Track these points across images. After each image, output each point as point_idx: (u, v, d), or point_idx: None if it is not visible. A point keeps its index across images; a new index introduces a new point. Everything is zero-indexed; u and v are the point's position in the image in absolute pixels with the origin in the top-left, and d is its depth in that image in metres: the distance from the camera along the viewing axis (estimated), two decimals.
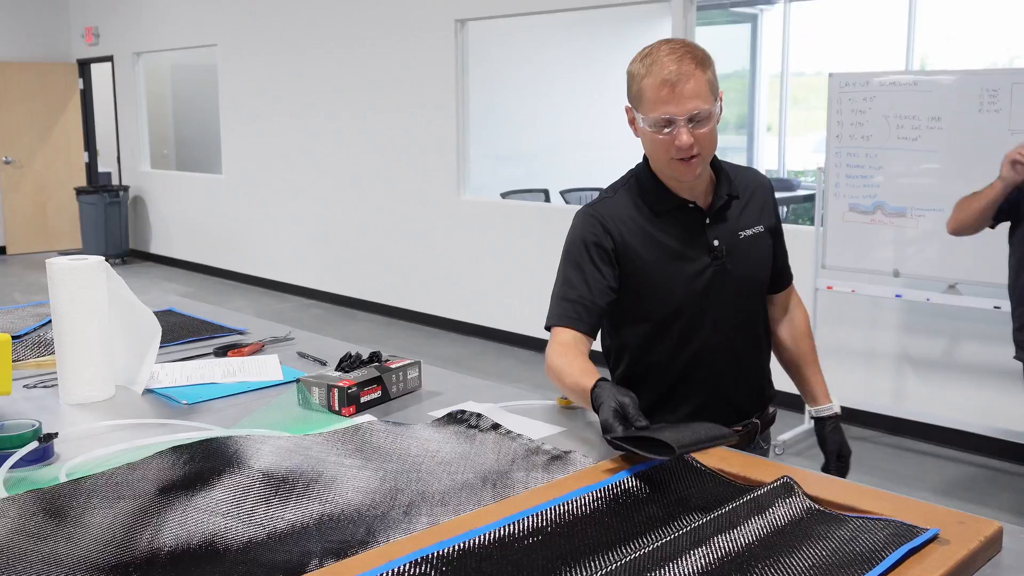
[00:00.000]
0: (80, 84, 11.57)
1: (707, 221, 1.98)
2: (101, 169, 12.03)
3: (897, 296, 4.63)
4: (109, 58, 11.06)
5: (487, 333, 6.97)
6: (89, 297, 2.04)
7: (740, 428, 2.04)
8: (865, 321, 5.01)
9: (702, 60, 1.83)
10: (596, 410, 1.66)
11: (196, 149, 11.25)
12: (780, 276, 2.16)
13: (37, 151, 11.31)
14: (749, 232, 2.02)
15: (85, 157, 11.69)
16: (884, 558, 1.22)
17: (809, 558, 1.23)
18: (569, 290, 1.95)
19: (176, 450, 1.61)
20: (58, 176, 11.43)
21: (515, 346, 6.59)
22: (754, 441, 2.11)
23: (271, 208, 9.04)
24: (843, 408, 1.94)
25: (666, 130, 1.83)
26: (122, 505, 1.45)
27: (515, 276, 6.64)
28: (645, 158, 2.01)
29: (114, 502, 1.46)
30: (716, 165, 2.01)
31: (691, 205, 1.97)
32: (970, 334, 4.69)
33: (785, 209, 9.43)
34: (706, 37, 9.99)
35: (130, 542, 1.35)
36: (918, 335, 4.86)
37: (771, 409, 2.20)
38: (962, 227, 3.45)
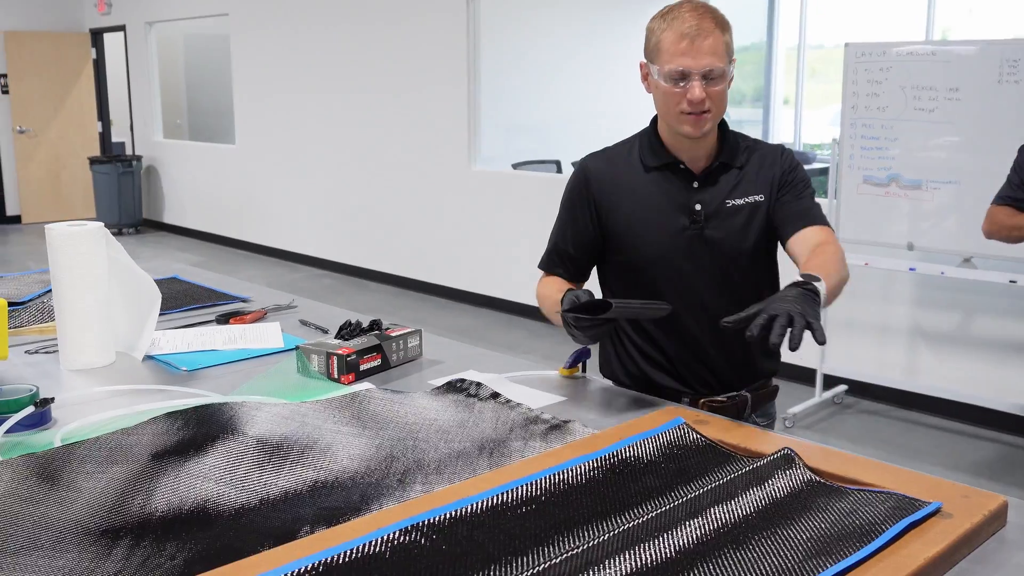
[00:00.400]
0: (93, 54, 11.54)
1: (695, 185, 1.97)
2: (115, 139, 12.02)
3: (911, 269, 4.58)
4: (122, 27, 11.02)
5: (497, 304, 6.95)
6: (88, 263, 2.02)
7: (724, 399, 2.00)
8: (878, 295, 4.96)
9: (722, 22, 1.88)
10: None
11: (209, 119, 11.22)
12: (797, 218, 1.97)
13: (51, 121, 11.31)
14: (739, 201, 1.98)
15: (98, 127, 11.68)
16: (884, 531, 1.19)
17: (807, 530, 1.21)
18: (558, 239, 2.09)
19: (171, 416, 1.60)
20: (72, 146, 11.43)
21: (525, 317, 6.56)
22: (744, 415, 2.03)
23: (283, 178, 9.02)
24: (855, 381, 1.86)
25: (681, 84, 1.86)
26: (115, 470, 1.44)
27: (525, 247, 6.60)
28: (653, 119, 2.03)
29: (107, 467, 1.45)
30: (724, 134, 2.00)
31: (682, 166, 1.98)
32: (985, 308, 4.64)
33: None
34: (722, 8, 9.89)
35: (122, 506, 1.34)
36: (932, 309, 4.81)
37: (772, 384, 2.14)
38: (995, 238, 3.39)
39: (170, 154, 10.80)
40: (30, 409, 1.65)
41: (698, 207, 1.96)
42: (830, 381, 4.98)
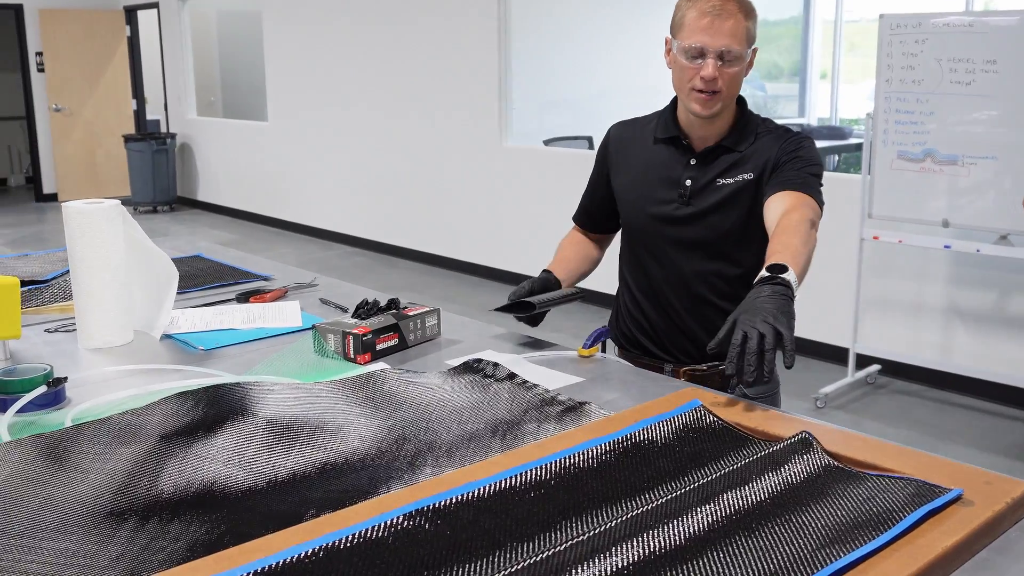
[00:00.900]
0: (127, 31, 11.60)
1: (692, 162, 2.03)
2: (150, 117, 12.10)
3: (946, 247, 4.48)
4: (155, 4, 11.06)
5: None
6: (104, 241, 2.02)
7: (705, 368, 2.04)
8: (912, 272, 4.87)
9: (747, 8, 1.92)
10: None
11: (243, 96, 11.25)
12: (774, 186, 1.92)
13: (87, 99, 11.39)
14: (729, 180, 1.99)
15: (133, 105, 11.76)
16: (902, 519, 1.16)
17: (822, 518, 1.17)
18: (585, 195, 2.30)
19: (182, 396, 1.59)
20: (107, 124, 11.52)
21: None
22: (732, 384, 1.98)
23: (315, 155, 9.03)
24: (888, 361, 1.79)
25: (696, 60, 1.90)
26: (123, 451, 1.43)
27: (557, 224, 6.55)
28: (675, 96, 2.07)
29: (115, 448, 1.45)
30: (740, 118, 2.03)
31: (684, 142, 2.04)
32: (1022, 286, 4.54)
33: (836, 158, 9.20)
34: None
35: (128, 488, 1.33)
36: (967, 287, 4.71)
37: None
38: None
39: (203, 132, 10.85)
40: (42, 389, 1.64)
41: (688, 183, 2.02)
42: (863, 361, 4.90)
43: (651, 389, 1.74)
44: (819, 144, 9.18)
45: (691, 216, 2.01)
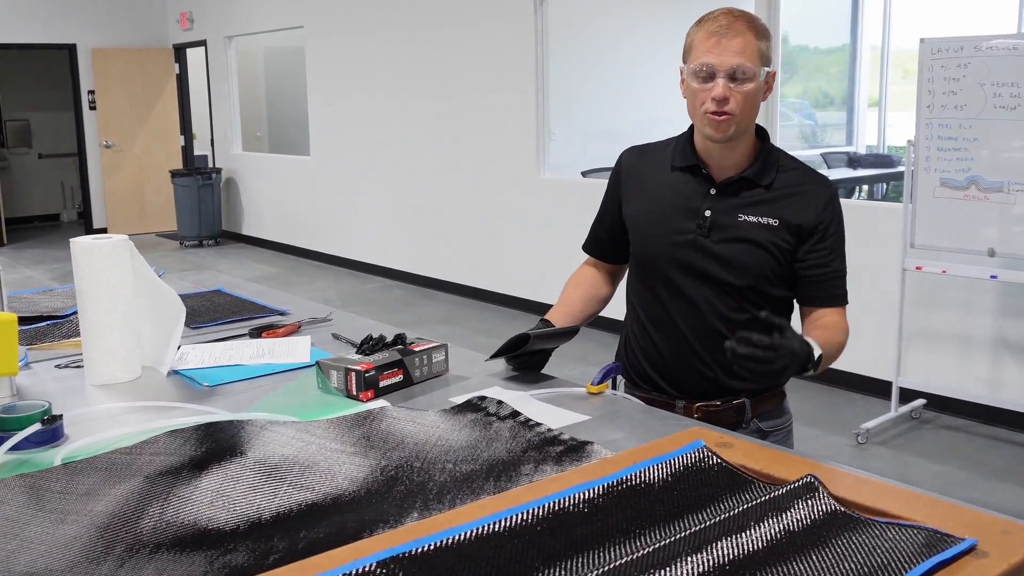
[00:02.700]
0: (176, 69, 11.82)
1: (711, 192, 1.96)
2: (198, 152, 12.29)
3: (992, 277, 4.35)
4: (203, 43, 11.26)
5: None
6: (111, 276, 2.00)
7: (719, 404, 1.99)
8: (958, 304, 4.73)
9: (757, 28, 1.86)
10: None
11: (289, 131, 11.39)
12: (818, 289, 1.96)
13: (136, 135, 11.61)
14: (751, 218, 1.93)
15: (181, 140, 11.95)
16: (908, 571, 1.08)
17: (822, 569, 1.10)
18: (595, 223, 2.23)
19: (172, 434, 1.55)
20: (156, 159, 11.72)
21: (595, 328, 6.44)
22: (746, 420, 1.98)
23: (355, 189, 9.09)
24: (934, 396, 1.80)
25: (707, 82, 1.85)
26: (107, 491, 1.40)
27: None
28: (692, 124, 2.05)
29: (100, 487, 1.41)
30: (763, 151, 1.96)
31: (704, 171, 1.97)
32: None
33: (884, 187, 9.05)
34: (803, 7, 9.64)
35: (109, 529, 1.29)
36: (1016, 318, 4.56)
37: (773, 388, 2.06)
38: None
39: (248, 166, 10.99)
40: (37, 426, 1.62)
41: (707, 214, 1.95)
42: (907, 395, 4.76)
43: (658, 428, 1.68)
44: (866, 173, 9.06)
45: (708, 248, 1.95)
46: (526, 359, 1.97)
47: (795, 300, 2.01)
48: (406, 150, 8.33)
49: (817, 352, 1.75)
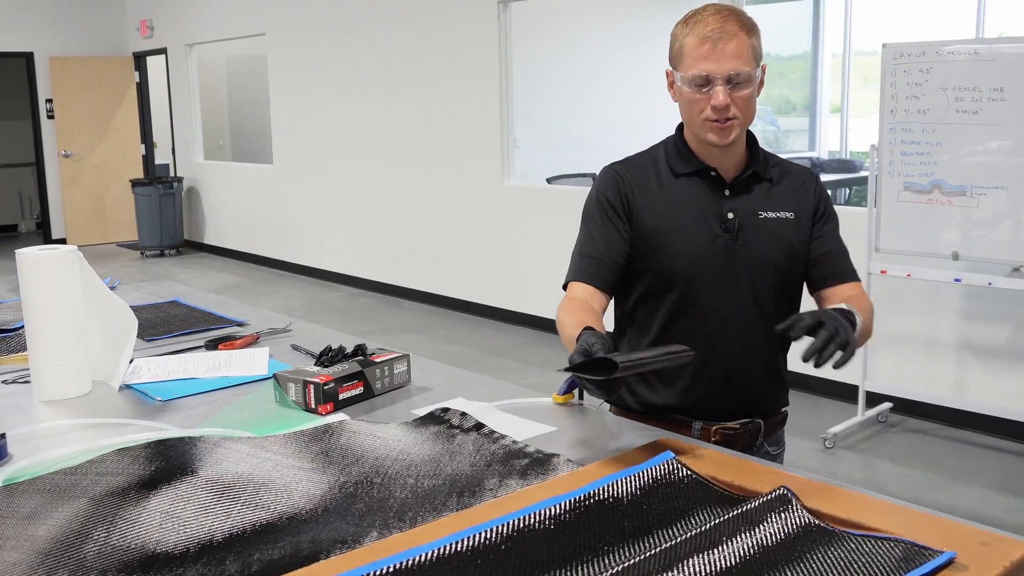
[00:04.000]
0: (136, 77, 11.66)
1: (726, 193, 1.89)
2: (159, 161, 12.12)
3: (956, 280, 4.35)
4: (163, 51, 11.12)
5: (533, 322, 6.81)
6: (60, 288, 1.93)
7: (737, 426, 1.90)
8: (922, 307, 4.74)
9: (748, 25, 1.80)
10: None
11: (251, 140, 11.26)
12: (831, 266, 1.92)
13: (96, 144, 11.43)
14: (772, 214, 1.89)
15: (142, 149, 11.78)
16: None
17: None
18: (586, 246, 1.93)
19: (120, 453, 1.49)
20: (116, 169, 11.54)
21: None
22: (757, 444, 1.93)
23: (319, 197, 8.99)
24: (900, 399, 1.76)
25: (704, 89, 1.78)
26: (50, 514, 1.33)
27: (560, 263, 6.44)
28: (679, 126, 1.95)
29: (43, 510, 1.34)
30: (752, 145, 1.93)
31: (713, 173, 1.89)
32: None
33: (847, 191, 9.10)
34: (767, 19, 9.68)
35: (51, 554, 1.22)
36: (980, 322, 4.57)
37: (783, 410, 2.02)
38: None
39: (210, 175, 10.85)
40: None
41: (731, 215, 1.87)
42: (874, 399, 4.76)
43: (626, 439, 1.63)
44: (830, 178, 9.11)
45: (740, 250, 1.86)
46: (605, 386, 1.48)
47: (809, 288, 1.96)
48: (370, 158, 8.25)
49: (856, 316, 1.67)
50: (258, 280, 9.19)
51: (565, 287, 1.93)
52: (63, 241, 11.35)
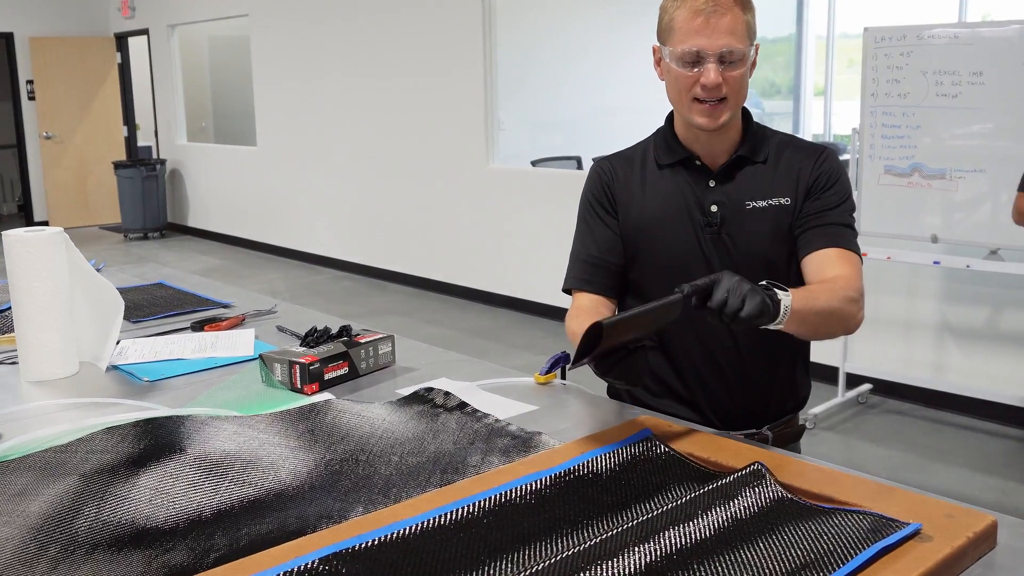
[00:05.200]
0: (118, 58, 11.58)
1: (711, 183, 1.77)
2: (141, 143, 12.06)
3: (935, 263, 4.41)
4: (145, 31, 11.05)
5: (516, 304, 6.85)
6: (46, 270, 1.95)
7: (741, 438, 1.82)
8: (902, 289, 4.80)
9: (743, 1, 1.68)
10: None
11: (234, 121, 11.22)
12: (818, 236, 1.73)
13: (77, 126, 11.36)
14: (760, 203, 1.75)
15: (124, 131, 11.72)
16: (854, 557, 1.08)
17: (768, 556, 1.09)
18: (581, 249, 1.87)
19: (109, 431, 1.51)
20: (98, 151, 11.48)
21: (544, 317, 6.45)
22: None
23: (303, 180, 8.98)
24: (880, 380, 1.69)
25: (694, 67, 1.67)
26: (40, 491, 1.36)
27: (544, 246, 6.49)
28: (669, 115, 1.85)
29: (33, 487, 1.37)
30: (748, 126, 1.81)
31: (698, 163, 1.78)
32: (1014, 302, 4.46)
33: None
34: None
35: (43, 530, 1.25)
36: (958, 304, 4.64)
37: (798, 422, 1.95)
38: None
39: (193, 157, 10.81)
40: None
41: (714, 208, 1.76)
42: (853, 380, 4.82)
43: (606, 418, 1.67)
44: None
45: (724, 246, 1.75)
46: (620, 361, 1.44)
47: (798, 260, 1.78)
48: (354, 140, 8.25)
49: (783, 296, 1.50)
50: (242, 263, 9.19)
51: (567, 292, 1.89)
52: (45, 223, 11.29)
